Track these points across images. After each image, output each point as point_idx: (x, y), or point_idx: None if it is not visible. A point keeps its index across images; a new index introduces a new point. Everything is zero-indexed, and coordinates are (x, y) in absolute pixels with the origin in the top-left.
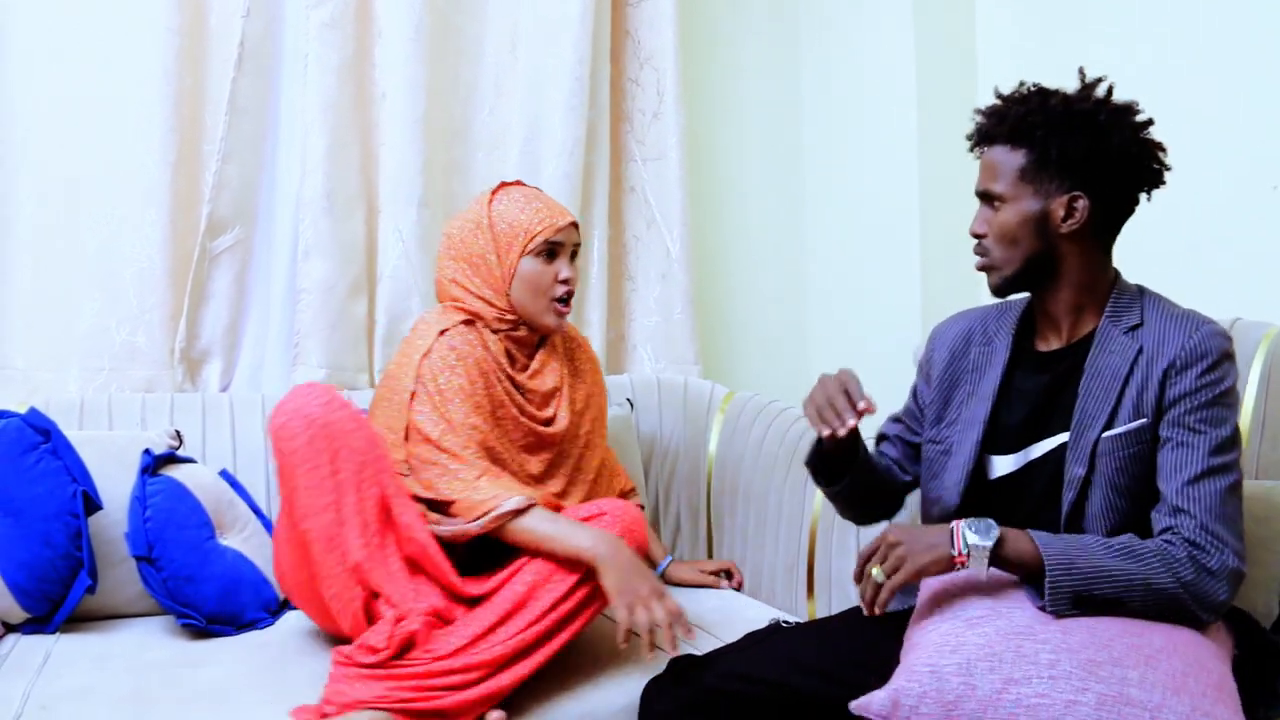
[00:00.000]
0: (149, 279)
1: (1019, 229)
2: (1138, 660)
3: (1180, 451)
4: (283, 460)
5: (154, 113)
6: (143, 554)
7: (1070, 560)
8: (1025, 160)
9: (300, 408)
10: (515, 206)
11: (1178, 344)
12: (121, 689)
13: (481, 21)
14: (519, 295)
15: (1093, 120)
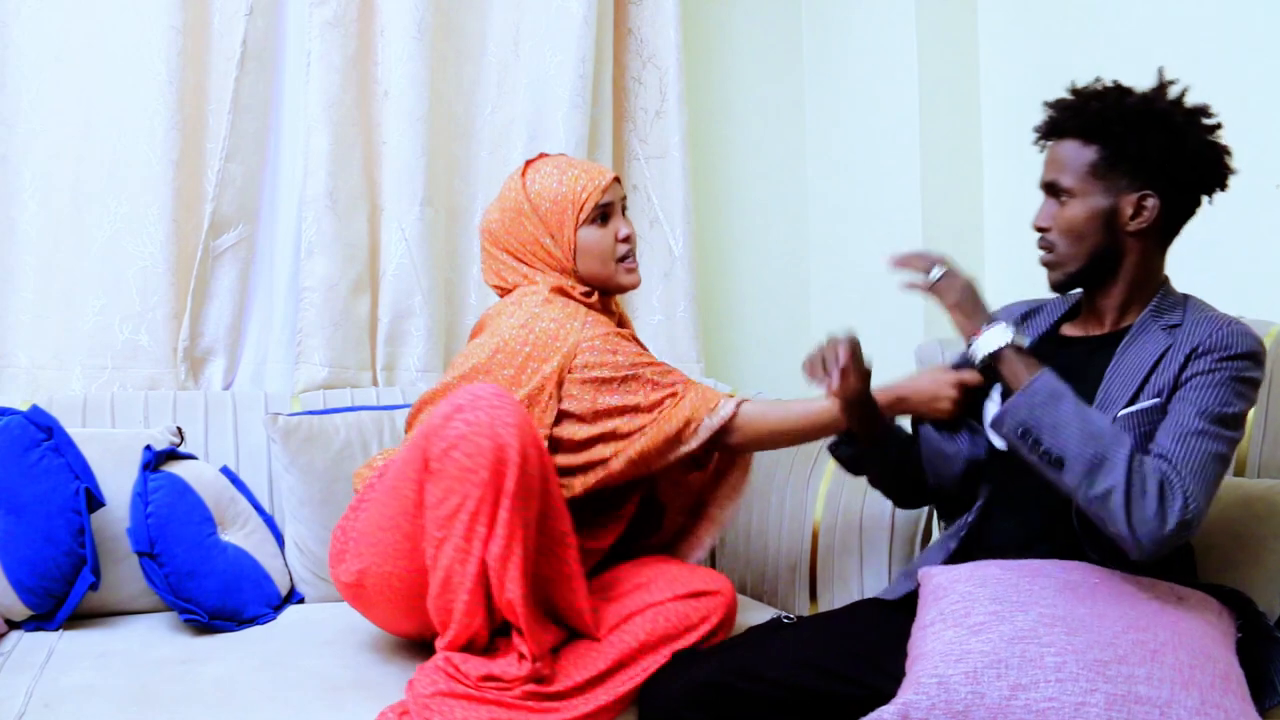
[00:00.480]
0: (152, 277)
1: (1086, 224)
2: (1143, 656)
3: (1181, 407)
4: (443, 471)
5: (157, 111)
6: (145, 550)
7: (1035, 409)
8: (1098, 156)
9: (494, 432)
10: (552, 180)
11: (1205, 334)
12: (125, 686)
13: (484, 19)
14: (587, 268)
15: (1169, 120)
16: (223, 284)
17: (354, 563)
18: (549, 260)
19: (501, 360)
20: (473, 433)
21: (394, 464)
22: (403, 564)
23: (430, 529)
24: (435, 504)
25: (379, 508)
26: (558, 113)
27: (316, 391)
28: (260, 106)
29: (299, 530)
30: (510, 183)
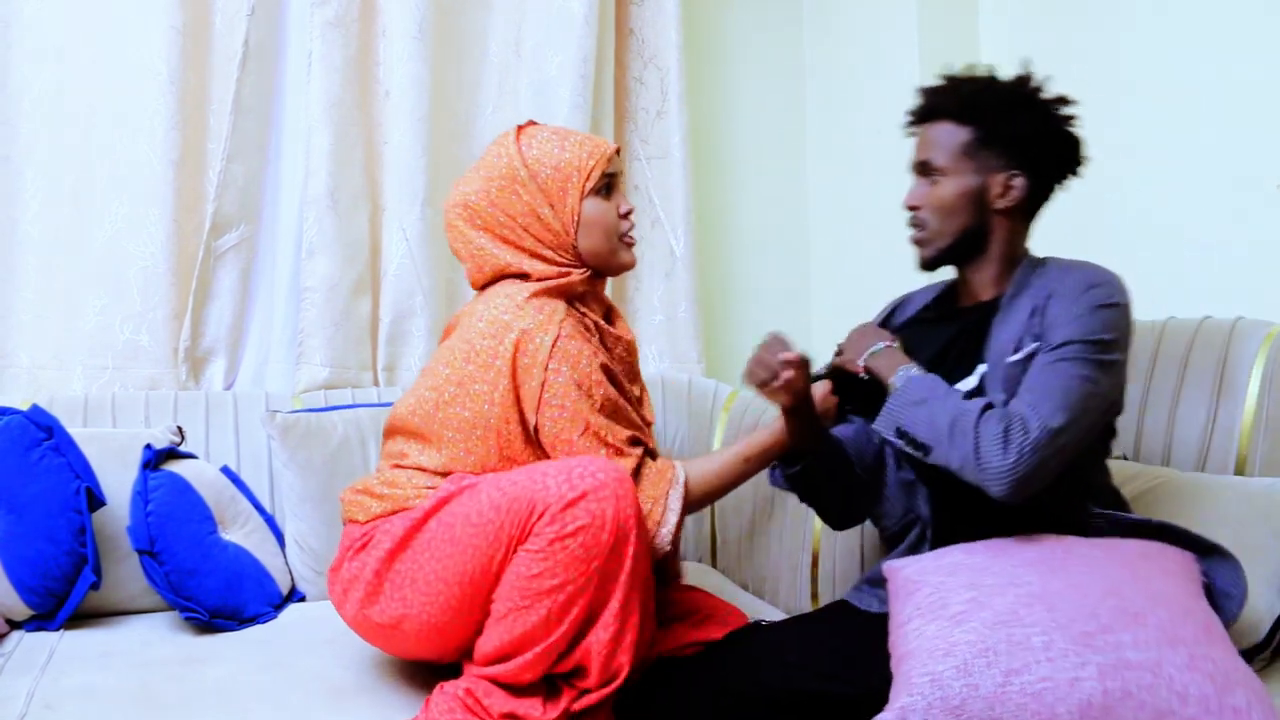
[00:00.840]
0: (153, 278)
1: (957, 201)
2: (1127, 622)
3: (1044, 354)
4: (550, 553)
5: (158, 111)
6: (145, 548)
7: (906, 408)
8: (970, 136)
9: (617, 526)
10: (553, 145)
11: (1061, 278)
12: (127, 687)
13: (485, 20)
14: (588, 243)
15: (1037, 105)
16: (224, 284)
17: (395, 606)
18: (543, 235)
19: (474, 373)
20: (595, 525)
21: (464, 515)
22: (455, 617)
23: (514, 594)
24: (530, 575)
25: (443, 560)
26: (559, 113)
27: (318, 391)
28: (262, 107)
29: (299, 527)
30: (499, 149)
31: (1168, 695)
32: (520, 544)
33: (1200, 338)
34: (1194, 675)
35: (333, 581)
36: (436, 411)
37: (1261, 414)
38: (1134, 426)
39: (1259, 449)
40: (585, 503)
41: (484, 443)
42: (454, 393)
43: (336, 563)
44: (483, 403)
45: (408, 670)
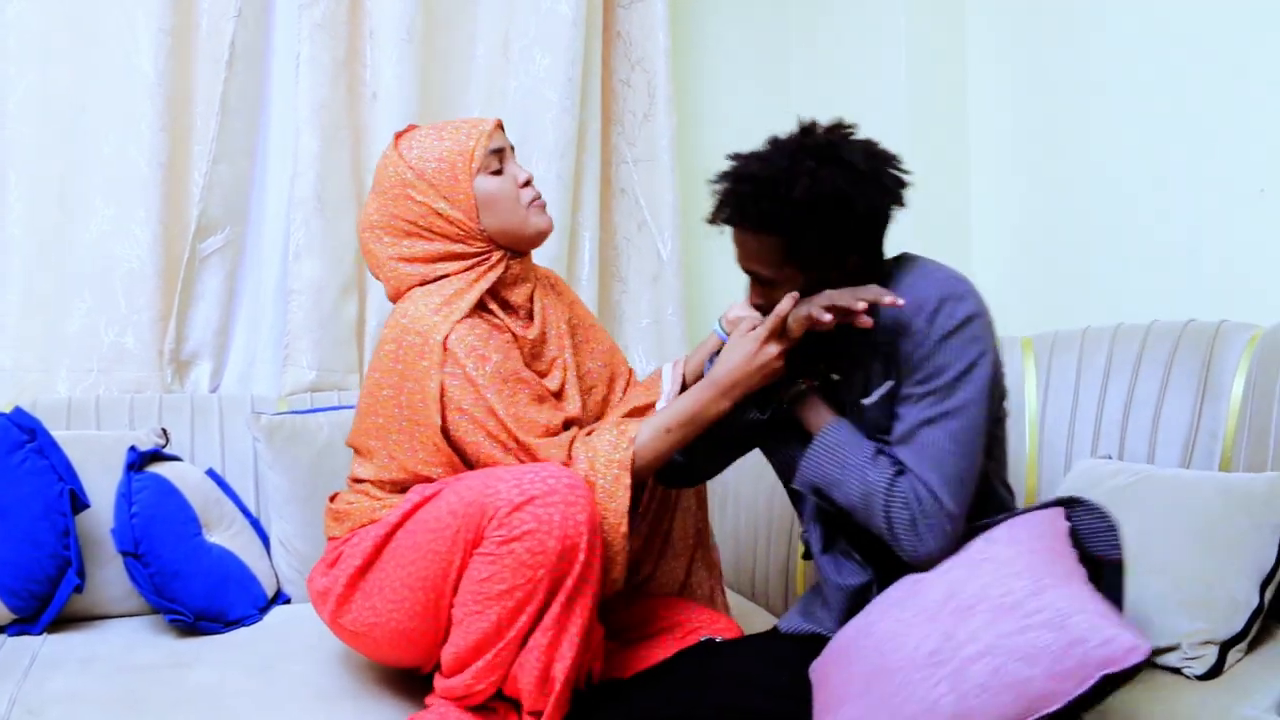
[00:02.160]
0: (138, 280)
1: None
2: (960, 618)
3: (905, 406)
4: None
5: (144, 113)
6: (129, 550)
7: (821, 470)
8: (783, 245)
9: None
10: (432, 141)
11: (911, 306)
12: (111, 691)
13: (473, 22)
14: (494, 220)
15: (838, 197)
16: (210, 286)
17: (365, 614)
18: (447, 230)
19: (380, 379)
20: (541, 531)
21: (425, 522)
22: (422, 622)
23: (467, 598)
24: (480, 579)
25: (407, 566)
26: (546, 115)
27: (304, 394)
28: (248, 108)
29: (284, 529)
30: (385, 161)
31: (1015, 666)
32: (475, 548)
33: (1185, 340)
34: (1029, 635)
35: (310, 591)
36: (361, 422)
37: (1245, 416)
38: (1119, 427)
39: (1243, 451)
40: (532, 507)
41: (400, 446)
42: (369, 402)
43: (313, 575)
44: (392, 406)
45: (393, 674)
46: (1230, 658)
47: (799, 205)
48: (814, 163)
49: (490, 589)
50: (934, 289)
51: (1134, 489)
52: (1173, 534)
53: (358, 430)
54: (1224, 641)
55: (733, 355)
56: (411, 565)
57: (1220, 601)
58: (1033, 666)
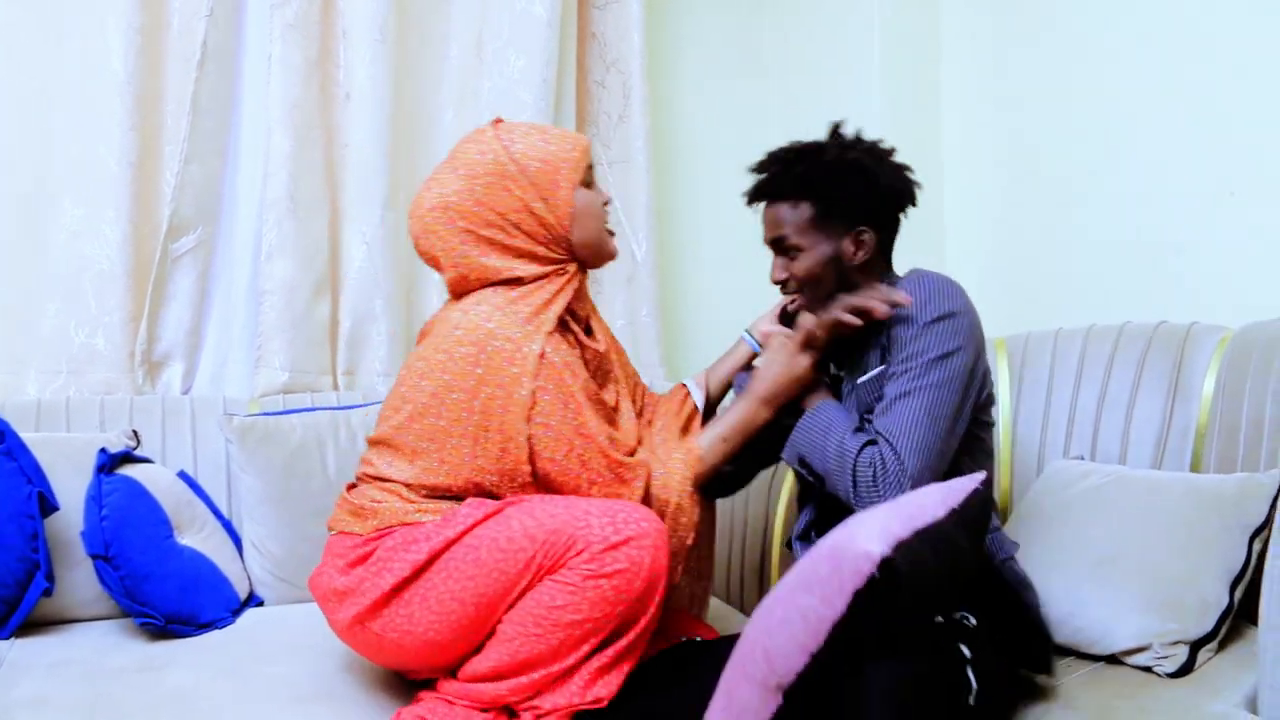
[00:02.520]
0: (109, 281)
1: (820, 269)
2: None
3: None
4: (580, 588)
5: (114, 112)
6: (99, 552)
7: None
8: (812, 211)
9: (652, 575)
10: (536, 141)
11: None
12: (81, 696)
13: (447, 22)
14: (582, 234)
15: (860, 165)
16: (181, 287)
17: (400, 622)
18: (535, 230)
19: (450, 382)
20: (631, 571)
21: (493, 540)
22: (462, 636)
23: (526, 619)
24: (552, 605)
25: (462, 581)
26: (520, 116)
27: (276, 395)
28: (220, 108)
29: (257, 531)
30: (480, 146)
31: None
32: (549, 574)
33: (1156, 342)
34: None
35: (318, 588)
36: (412, 422)
37: (1215, 416)
38: (1091, 428)
39: (1213, 451)
40: (627, 548)
41: (458, 452)
42: (428, 402)
43: (323, 571)
44: (461, 410)
45: (368, 676)
46: (1201, 657)
47: (829, 168)
48: (842, 142)
49: (561, 616)
50: (929, 284)
51: (1106, 489)
52: (1144, 535)
53: (403, 429)
54: (1194, 641)
55: (771, 369)
56: (469, 580)
57: (1191, 602)
58: (809, 594)
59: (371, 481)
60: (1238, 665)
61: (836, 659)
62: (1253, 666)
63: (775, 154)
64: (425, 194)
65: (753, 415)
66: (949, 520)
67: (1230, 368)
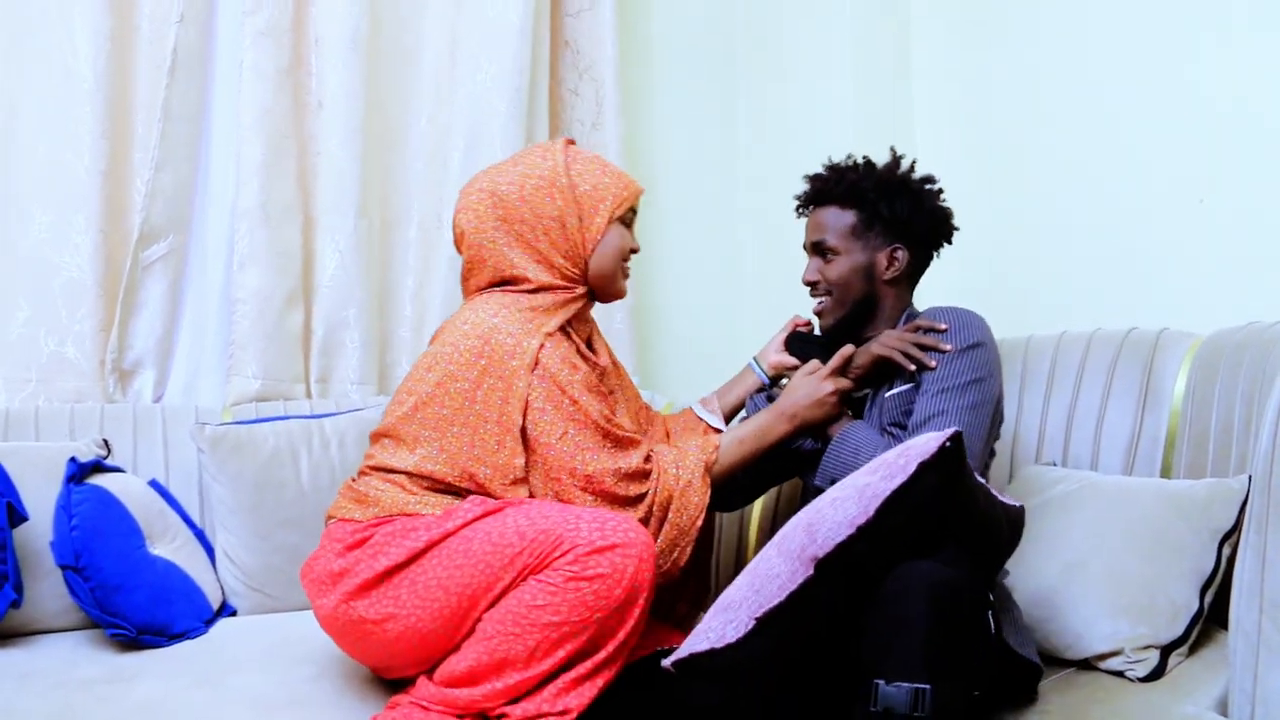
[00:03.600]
0: (79, 289)
1: (851, 276)
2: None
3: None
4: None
5: (83, 118)
6: (69, 563)
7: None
8: (856, 219)
9: (633, 585)
10: (594, 168)
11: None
12: (50, 708)
13: (420, 30)
14: (599, 264)
15: (909, 186)
16: (152, 295)
17: (387, 604)
18: (560, 243)
19: (455, 372)
20: (613, 577)
21: (486, 533)
22: (442, 626)
23: (506, 618)
24: (531, 604)
25: (450, 569)
26: (494, 124)
27: (249, 404)
28: (191, 116)
29: (229, 540)
30: (545, 153)
31: (859, 479)
32: (533, 573)
33: (1127, 348)
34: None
35: (311, 573)
36: (415, 412)
37: (1185, 422)
38: (1063, 434)
39: (1183, 456)
40: (612, 554)
41: (459, 440)
42: (431, 392)
43: (319, 556)
44: (463, 399)
45: (342, 685)
46: (1171, 661)
47: (880, 182)
48: (898, 165)
49: (539, 616)
50: (960, 314)
51: (1078, 495)
52: (1115, 540)
53: (408, 419)
54: (1165, 645)
55: (798, 391)
56: (457, 569)
57: (1161, 606)
58: (871, 474)
59: (374, 473)
60: (1208, 669)
61: (880, 541)
62: (1223, 670)
63: (834, 164)
64: (480, 177)
65: (771, 425)
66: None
67: (1199, 373)
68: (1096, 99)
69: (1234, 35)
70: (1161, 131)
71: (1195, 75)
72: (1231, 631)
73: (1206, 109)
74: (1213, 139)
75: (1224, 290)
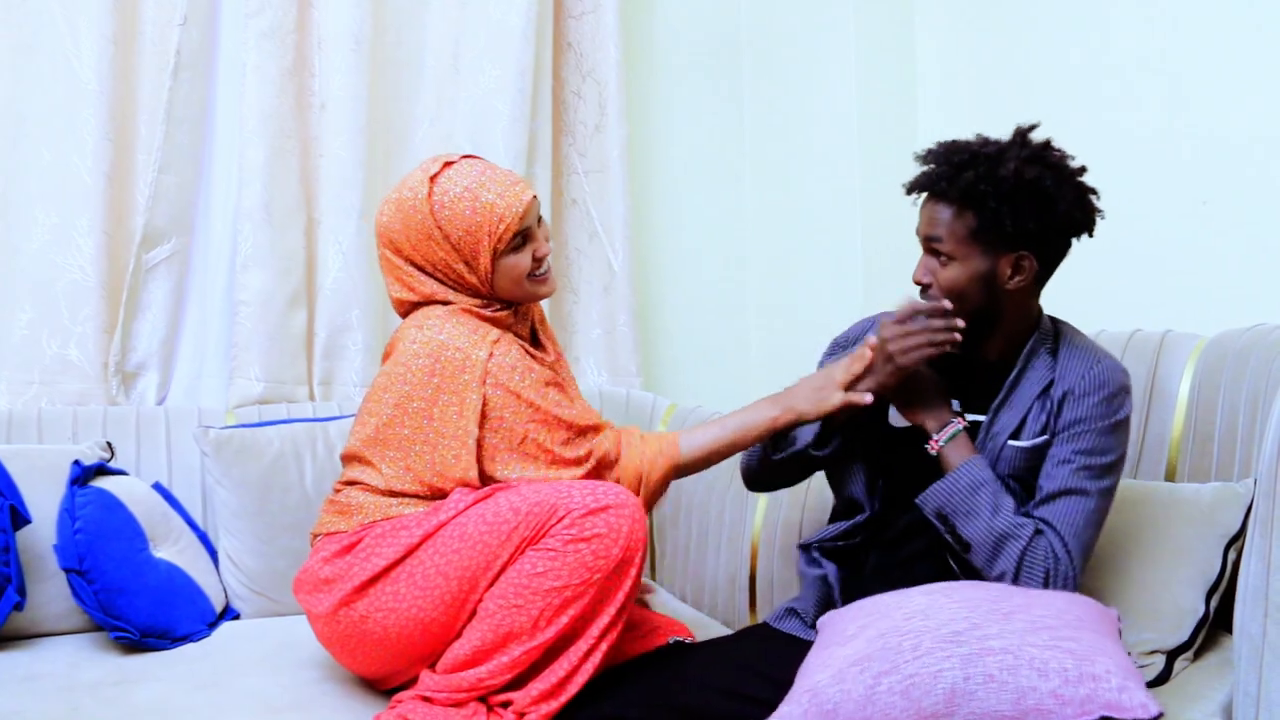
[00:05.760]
0: (82, 291)
1: (967, 286)
2: (996, 619)
3: (1060, 459)
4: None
5: (87, 121)
6: (73, 566)
7: (954, 494)
8: (975, 223)
9: (629, 544)
10: (465, 206)
11: (1078, 375)
12: (55, 711)
13: (423, 32)
14: (503, 289)
15: (1040, 189)
16: (156, 297)
17: (385, 600)
18: (460, 284)
19: (410, 392)
20: (610, 536)
21: (480, 516)
22: (444, 613)
23: (507, 591)
24: (533, 573)
25: (448, 555)
26: (496, 126)
27: (252, 406)
28: (194, 118)
29: (233, 544)
30: (414, 195)
31: (1028, 673)
32: (531, 545)
33: (1131, 350)
34: (1054, 653)
35: (303, 585)
36: (378, 434)
37: (1190, 423)
38: None
39: (1188, 457)
40: (607, 515)
41: (422, 458)
42: (392, 414)
43: (308, 568)
44: (422, 418)
45: (344, 688)
46: (1177, 666)
47: (1002, 183)
48: (1024, 152)
49: (540, 584)
50: (1116, 375)
51: None
52: (1121, 544)
53: (371, 442)
54: (1171, 650)
55: (800, 390)
56: (455, 554)
57: (1167, 611)
58: (1044, 680)
59: (351, 486)
60: (1214, 674)
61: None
62: (1228, 675)
63: (948, 148)
64: (379, 215)
65: (753, 410)
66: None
67: (1204, 376)
68: (1100, 101)
69: (1240, 35)
70: (1166, 133)
71: (1200, 76)
72: (1236, 636)
73: (1211, 110)
74: (1217, 140)
75: (1228, 292)
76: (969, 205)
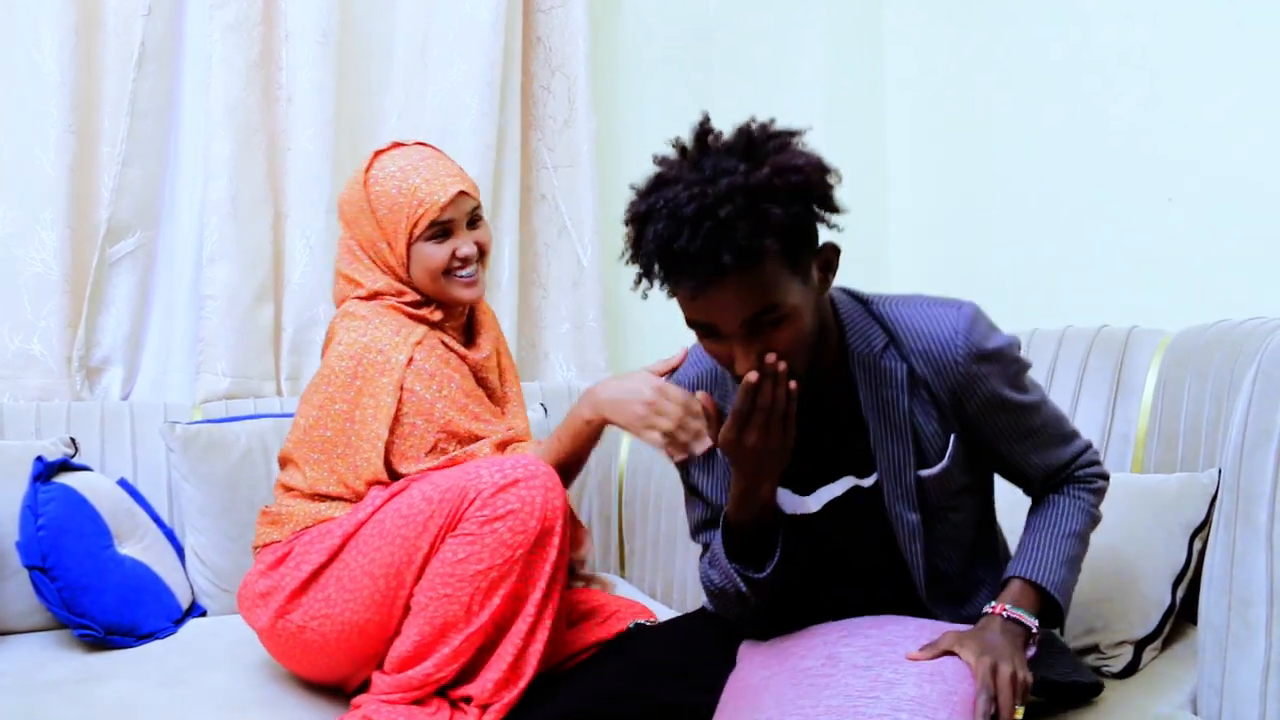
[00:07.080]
0: (45, 285)
1: (811, 319)
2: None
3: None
4: (479, 537)
5: (49, 113)
6: (35, 564)
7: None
8: (780, 259)
9: (545, 514)
10: (393, 185)
11: (937, 350)
12: (16, 710)
13: (391, 25)
14: (419, 280)
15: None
16: (120, 292)
17: (318, 607)
18: (384, 263)
19: (334, 394)
20: (524, 510)
21: (396, 511)
22: (377, 613)
23: (435, 582)
24: (455, 560)
25: (370, 554)
26: (465, 120)
27: (219, 401)
28: (159, 110)
29: (199, 541)
30: (357, 171)
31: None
32: (449, 532)
33: (1097, 345)
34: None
35: (243, 601)
36: (305, 436)
37: (1155, 418)
38: None
39: (1153, 451)
40: (516, 489)
41: (344, 460)
42: (317, 416)
43: (247, 582)
44: (343, 420)
45: (309, 685)
46: (1145, 656)
47: (764, 192)
48: (744, 153)
49: (465, 570)
50: (949, 323)
51: None
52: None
53: (299, 442)
54: (1139, 640)
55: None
56: (376, 552)
57: (1135, 601)
58: None
59: (282, 493)
60: (1181, 664)
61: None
62: (1195, 665)
63: (692, 217)
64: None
65: (574, 413)
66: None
67: (1169, 371)
68: (1066, 99)
69: (1204, 32)
70: (1131, 130)
71: (1164, 73)
72: (1201, 627)
73: (1176, 107)
74: (1182, 138)
75: (1193, 288)
76: (756, 257)
